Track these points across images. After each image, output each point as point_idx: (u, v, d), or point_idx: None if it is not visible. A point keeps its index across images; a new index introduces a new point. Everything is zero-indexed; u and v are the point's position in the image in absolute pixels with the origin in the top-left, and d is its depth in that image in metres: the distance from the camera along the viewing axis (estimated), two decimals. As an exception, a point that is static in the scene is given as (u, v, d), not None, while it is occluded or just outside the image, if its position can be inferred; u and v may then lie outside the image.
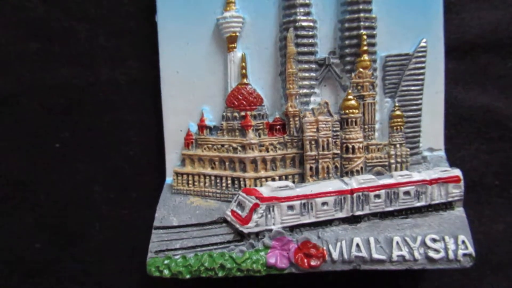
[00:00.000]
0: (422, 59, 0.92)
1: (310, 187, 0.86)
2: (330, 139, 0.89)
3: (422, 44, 0.92)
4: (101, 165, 1.05)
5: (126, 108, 1.04)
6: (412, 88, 0.92)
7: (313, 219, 0.85)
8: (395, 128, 0.91)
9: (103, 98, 1.04)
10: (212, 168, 0.95)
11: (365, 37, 0.89)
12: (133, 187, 1.05)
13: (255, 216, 0.84)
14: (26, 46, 1.04)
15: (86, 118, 1.05)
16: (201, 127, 0.96)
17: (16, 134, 1.06)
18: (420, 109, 0.93)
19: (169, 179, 0.97)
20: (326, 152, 0.89)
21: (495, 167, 1.00)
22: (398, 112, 0.91)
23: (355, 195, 0.87)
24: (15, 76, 1.05)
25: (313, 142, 0.89)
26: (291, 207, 0.85)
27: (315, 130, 0.89)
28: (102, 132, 1.05)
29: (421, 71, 0.92)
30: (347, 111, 0.89)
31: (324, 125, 0.88)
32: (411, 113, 0.92)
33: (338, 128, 0.90)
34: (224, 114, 0.95)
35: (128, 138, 1.04)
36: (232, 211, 0.87)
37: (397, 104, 0.92)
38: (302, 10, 0.91)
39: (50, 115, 1.05)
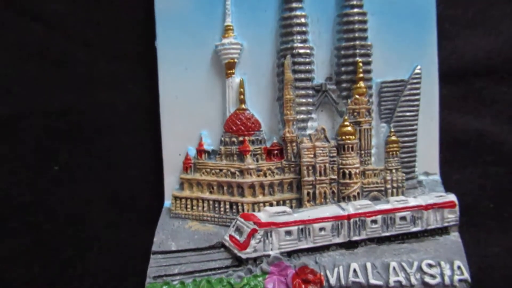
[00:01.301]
0: (417, 85, 0.94)
1: (308, 213, 0.87)
2: (327, 164, 0.90)
3: (417, 70, 0.94)
4: (100, 187, 1.06)
5: (125, 132, 1.05)
6: (408, 113, 0.94)
7: (310, 245, 0.86)
8: (391, 153, 0.92)
9: (102, 121, 1.05)
10: (211, 192, 0.96)
11: (361, 64, 0.91)
12: (132, 210, 1.05)
13: (253, 242, 0.85)
14: (26, 69, 1.06)
15: (85, 141, 1.06)
16: (200, 151, 0.97)
17: (15, 156, 1.07)
18: (415, 134, 0.94)
19: (167, 202, 0.98)
20: (323, 178, 0.90)
21: (489, 190, 1.02)
22: (393, 138, 0.92)
23: (352, 220, 0.88)
24: (15, 99, 1.06)
25: (310, 168, 0.90)
26: (288, 233, 0.86)
27: (312, 155, 0.90)
28: (101, 155, 1.06)
29: (416, 97, 0.94)
30: (343, 137, 0.91)
31: (321, 151, 0.90)
32: (406, 138, 0.94)
33: (335, 154, 0.91)
34: (222, 139, 0.96)
35: (127, 161, 1.05)
36: (230, 236, 0.88)
37: (392, 130, 0.93)
38: (299, 37, 0.93)
39: (49, 138, 1.06)
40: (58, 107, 1.06)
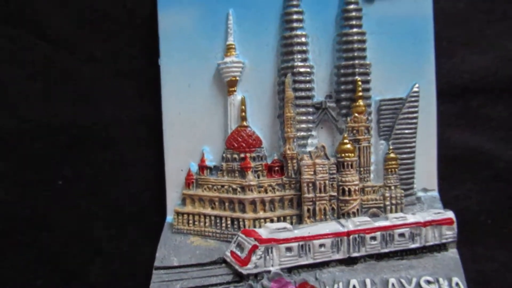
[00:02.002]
0: (415, 103, 0.95)
1: (308, 229, 0.88)
2: (327, 181, 0.92)
3: (415, 89, 0.95)
4: (103, 202, 1.07)
5: (128, 147, 1.07)
6: (406, 131, 0.95)
7: (310, 261, 0.87)
8: (389, 170, 0.94)
9: (105, 136, 1.07)
10: (212, 208, 0.97)
11: (360, 83, 0.93)
12: (134, 224, 1.07)
13: (254, 258, 0.86)
14: (31, 85, 1.07)
15: (88, 156, 1.07)
16: (202, 167, 0.98)
17: (19, 171, 1.09)
18: (413, 151, 0.96)
19: (169, 217, 1.00)
20: (323, 194, 0.92)
21: (487, 206, 1.03)
22: (392, 155, 0.94)
23: (351, 237, 0.89)
24: (20, 114, 1.08)
25: (310, 185, 0.92)
26: (289, 249, 0.87)
27: (312, 172, 0.92)
28: (104, 170, 1.07)
29: (415, 115, 0.95)
30: (343, 155, 0.92)
31: (321, 168, 0.91)
32: (405, 155, 0.95)
33: (334, 171, 0.93)
34: (224, 155, 0.98)
35: (129, 176, 1.07)
36: (232, 252, 0.89)
37: (391, 147, 0.95)
38: (299, 56, 0.95)
39: (53, 152, 1.08)
40: (62, 122, 1.07)
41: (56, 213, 1.08)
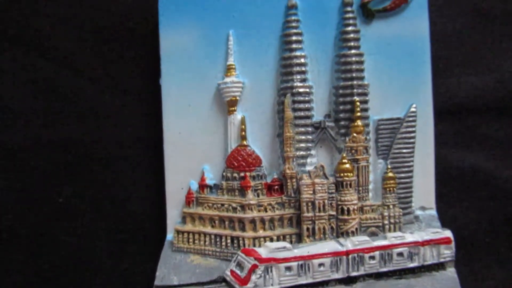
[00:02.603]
0: (413, 123, 0.97)
1: (307, 248, 0.89)
2: (326, 201, 0.93)
3: (412, 109, 0.97)
4: (103, 220, 1.08)
5: (128, 165, 1.08)
6: (404, 150, 0.97)
7: (310, 280, 0.88)
8: (388, 189, 0.95)
9: (106, 154, 1.08)
10: (212, 226, 0.98)
11: (358, 103, 0.95)
12: (134, 242, 1.07)
13: (253, 277, 0.86)
14: (33, 103, 1.09)
15: (90, 174, 1.08)
16: (202, 186, 0.99)
17: (20, 187, 1.09)
18: (411, 171, 0.97)
19: (170, 235, 1.00)
20: (322, 214, 0.92)
21: (485, 225, 1.04)
22: (390, 174, 0.95)
23: (350, 256, 0.89)
24: (22, 131, 1.09)
25: (309, 204, 0.93)
26: (288, 268, 0.87)
27: (311, 192, 0.93)
28: (104, 187, 1.08)
29: (412, 134, 0.96)
30: (342, 174, 0.93)
31: (320, 188, 0.92)
32: (403, 174, 0.96)
33: (333, 190, 0.94)
34: (224, 174, 0.99)
35: (130, 194, 1.07)
36: (232, 271, 0.90)
37: (389, 166, 0.96)
38: (298, 77, 0.96)
39: (54, 170, 1.09)
40: (63, 140, 1.08)
41: (57, 230, 1.09)
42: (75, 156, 1.08)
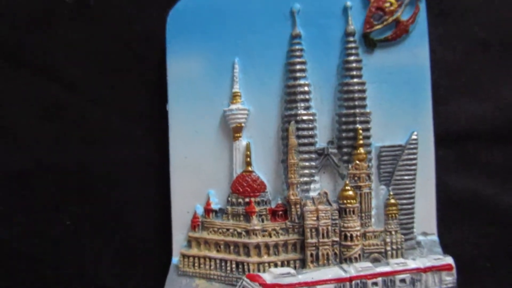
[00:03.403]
0: (414, 150, 0.99)
1: (311, 274, 0.90)
2: (329, 227, 0.95)
3: (413, 136, 0.99)
4: (109, 242, 1.10)
5: (135, 188, 1.10)
6: (406, 177, 0.98)
7: (314, 306, 0.90)
8: (390, 216, 0.97)
9: (114, 177, 1.10)
10: (218, 251, 0.99)
11: (361, 131, 0.97)
12: (140, 264, 1.09)
13: (258, 303, 0.88)
14: (41, 126, 1.11)
15: (97, 197, 1.10)
16: (208, 210, 1.01)
17: (28, 209, 1.11)
18: (413, 197, 0.99)
19: (175, 259, 1.02)
20: (325, 240, 0.94)
21: (485, 249, 1.05)
22: (392, 201, 0.97)
23: (353, 282, 0.91)
24: (31, 153, 1.12)
25: (313, 230, 0.95)
26: (293, 294, 0.89)
27: (315, 218, 0.94)
28: (111, 210, 1.10)
29: (413, 161, 0.98)
30: (345, 201, 0.95)
31: (323, 214, 0.94)
32: (405, 201, 0.98)
33: (337, 217, 0.95)
34: (229, 199, 1.00)
35: (136, 217, 1.09)
36: (237, 296, 0.91)
37: (391, 193, 0.98)
38: (302, 104, 0.99)
39: (62, 193, 1.11)
40: (71, 162, 1.11)
41: (63, 252, 1.10)
42: (82, 179, 1.10)
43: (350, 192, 0.95)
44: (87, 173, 1.10)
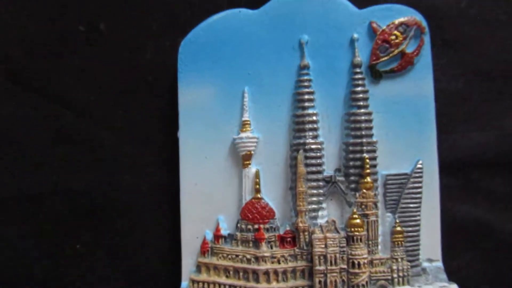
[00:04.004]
0: (419, 179, 1.01)
1: (319, 301, 0.92)
2: (337, 254, 0.97)
3: (419, 165, 1.01)
4: (119, 266, 1.11)
5: (145, 213, 1.12)
6: (411, 205, 1.01)
7: (322, 333, 0.91)
8: (396, 243, 0.99)
9: (124, 202, 1.12)
10: (227, 277, 1.01)
11: (367, 160, 1.00)
12: (149, 288, 1.11)
13: (268, 329, 0.89)
14: (54, 150, 1.13)
15: (107, 221, 1.12)
16: (217, 236, 1.03)
17: (39, 233, 1.13)
18: (418, 224, 1.01)
19: (184, 283, 1.03)
20: (334, 267, 0.96)
21: (489, 276, 1.08)
22: (399, 228, 0.99)
23: (361, 309, 0.93)
24: (42, 178, 1.14)
25: (321, 257, 0.97)
26: (302, 321, 0.91)
27: (323, 246, 0.96)
28: (121, 235, 1.12)
29: (419, 190, 1.01)
30: (353, 229, 0.98)
31: (332, 242, 0.96)
32: (410, 228, 1.00)
33: (344, 244, 0.97)
34: (238, 225, 1.03)
35: (145, 242, 1.11)
36: (246, 323, 0.93)
37: (397, 221, 1.00)
38: (310, 133, 1.01)
39: (73, 217, 1.13)
40: (82, 187, 1.12)
41: (74, 276, 1.12)
42: (93, 203, 1.12)
43: (358, 220, 0.98)
44: (98, 198, 1.12)
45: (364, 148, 1.00)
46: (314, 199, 1.01)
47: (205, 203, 1.03)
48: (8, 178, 1.13)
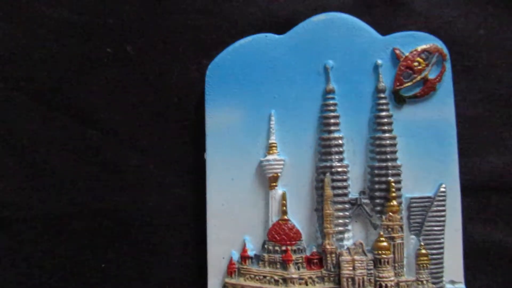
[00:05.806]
0: (443, 202, 1.03)
1: (348, 323, 0.94)
2: (365, 277, 0.99)
3: (442, 189, 1.04)
4: (144, 286, 1.12)
5: (170, 233, 1.13)
6: (435, 228, 1.03)
7: None
8: (421, 265, 1.01)
9: (149, 222, 1.14)
10: (254, 297, 1.03)
11: (393, 184, 1.02)
12: (174, 308, 1.11)
13: None
14: (80, 171, 1.15)
15: (133, 241, 1.13)
16: (244, 257, 1.04)
17: (64, 253, 1.14)
18: (442, 247, 1.03)
19: (210, 304, 1.05)
20: (361, 289, 0.98)
21: (510, 297, 1.10)
22: (423, 251, 1.01)
23: (389, 331, 0.94)
24: (68, 198, 1.15)
25: (350, 280, 0.99)
26: None
27: (351, 268, 0.98)
28: (147, 254, 1.13)
29: (442, 213, 1.03)
30: (380, 252, 1.00)
31: (359, 264, 0.98)
32: (434, 251, 1.02)
33: (371, 267, 0.99)
34: (265, 246, 1.04)
35: (171, 262, 1.12)
36: None
37: (422, 243, 1.02)
38: (336, 157, 1.04)
39: (98, 236, 1.14)
40: (108, 206, 1.14)
41: (98, 295, 1.13)
42: (119, 223, 1.14)
43: (385, 243, 1.00)
44: (123, 218, 1.13)
45: (390, 171, 1.03)
46: (340, 221, 1.03)
47: (231, 224, 1.05)
48: (35, 198, 1.15)
